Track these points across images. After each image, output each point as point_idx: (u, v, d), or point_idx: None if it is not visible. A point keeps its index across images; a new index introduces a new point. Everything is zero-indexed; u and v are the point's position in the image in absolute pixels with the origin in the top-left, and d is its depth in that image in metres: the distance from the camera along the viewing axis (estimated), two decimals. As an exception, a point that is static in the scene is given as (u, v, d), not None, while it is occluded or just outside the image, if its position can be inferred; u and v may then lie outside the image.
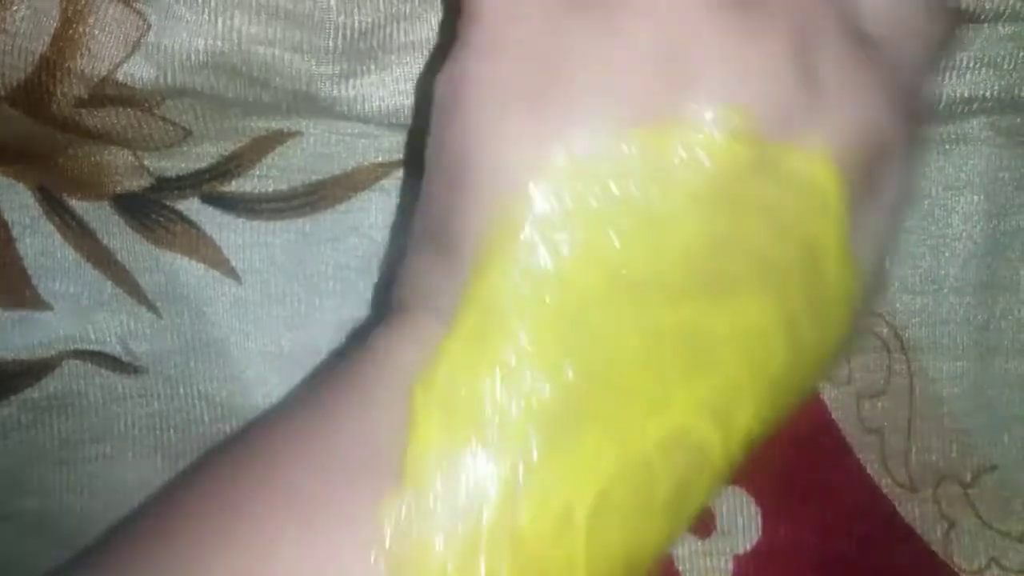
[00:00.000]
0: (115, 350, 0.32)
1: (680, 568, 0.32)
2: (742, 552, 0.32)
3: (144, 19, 0.27)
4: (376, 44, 0.28)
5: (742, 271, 0.21)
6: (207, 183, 0.30)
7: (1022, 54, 0.30)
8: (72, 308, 0.31)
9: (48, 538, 0.33)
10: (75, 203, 0.31)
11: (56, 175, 0.30)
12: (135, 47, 0.27)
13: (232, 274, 0.32)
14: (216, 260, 0.31)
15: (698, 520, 0.32)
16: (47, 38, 0.26)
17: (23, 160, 0.30)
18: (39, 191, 0.31)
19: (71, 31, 0.26)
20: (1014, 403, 0.33)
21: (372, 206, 0.31)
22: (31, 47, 0.26)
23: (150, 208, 0.31)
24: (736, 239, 0.21)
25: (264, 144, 0.30)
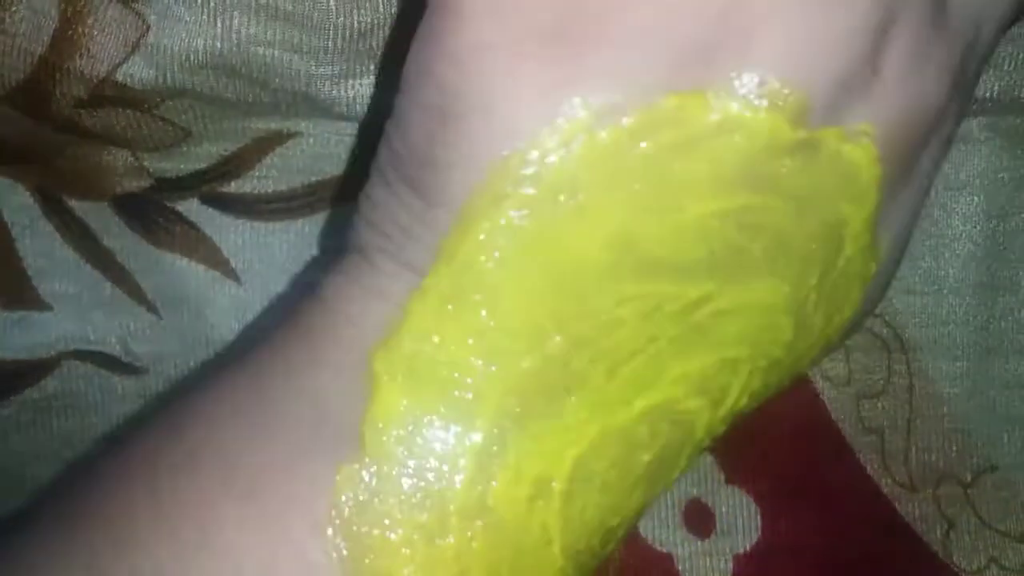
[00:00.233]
0: (115, 350, 0.32)
1: (680, 568, 0.32)
2: (742, 552, 0.32)
3: (143, 20, 0.27)
4: (375, 45, 0.28)
5: (758, 251, 0.20)
6: (207, 184, 0.30)
7: (1022, 55, 0.30)
8: (72, 308, 0.31)
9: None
10: (75, 204, 0.31)
11: (56, 176, 0.30)
12: (134, 48, 0.27)
13: (232, 275, 0.32)
14: (216, 261, 0.31)
15: (698, 520, 0.32)
16: (46, 39, 0.26)
17: (23, 161, 0.30)
18: (39, 192, 0.31)
19: (70, 32, 0.26)
20: (1014, 403, 0.33)
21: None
22: (30, 48, 0.26)
23: (150, 209, 0.31)
24: (757, 219, 0.19)
25: (263, 145, 0.30)
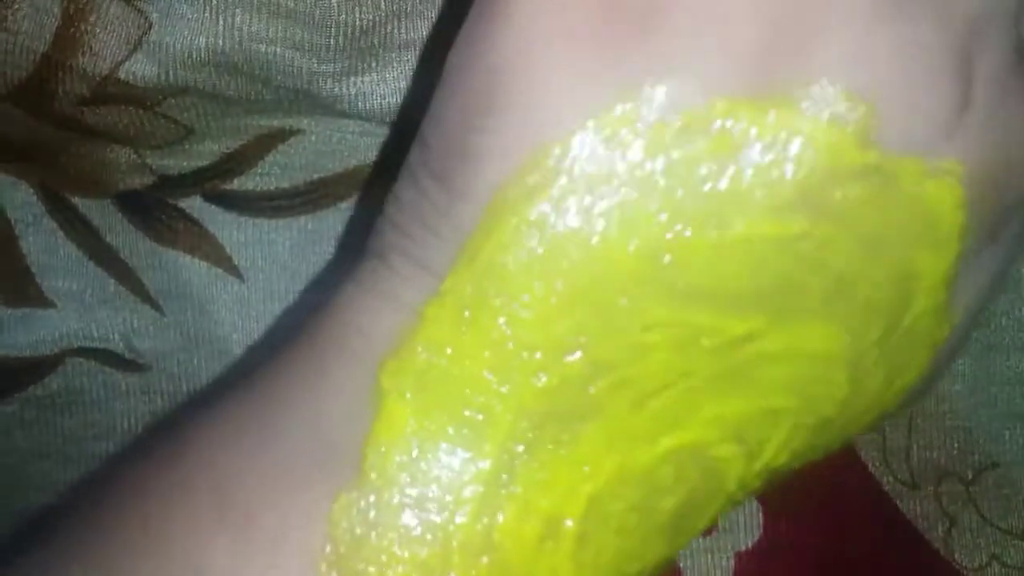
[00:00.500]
0: (118, 347, 0.32)
1: (681, 565, 0.32)
2: (743, 549, 0.32)
3: (145, 17, 0.27)
4: (377, 42, 0.28)
5: (814, 290, 0.18)
6: (209, 181, 0.30)
7: None
8: (75, 305, 0.32)
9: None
10: (78, 201, 0.31)
11: (58, 173, 0.30)
12: (137, 45, 0.27)
13: (235, 272, 0.32)
14: (219, 258, 0.31)
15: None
16: (49, 36, 0.26)
17: (25, 158, 0.30)
18: (41, 189, 0.31)
19: (73, 29, 0.26)
20: (1015, 400, 0.33)
21: (374, 204, 0.31)
22: (33, 45, 0.27)
23: (152, 206, 0.31)
24: (816, 253, 0.17)
25: (266, 142, 0.30)
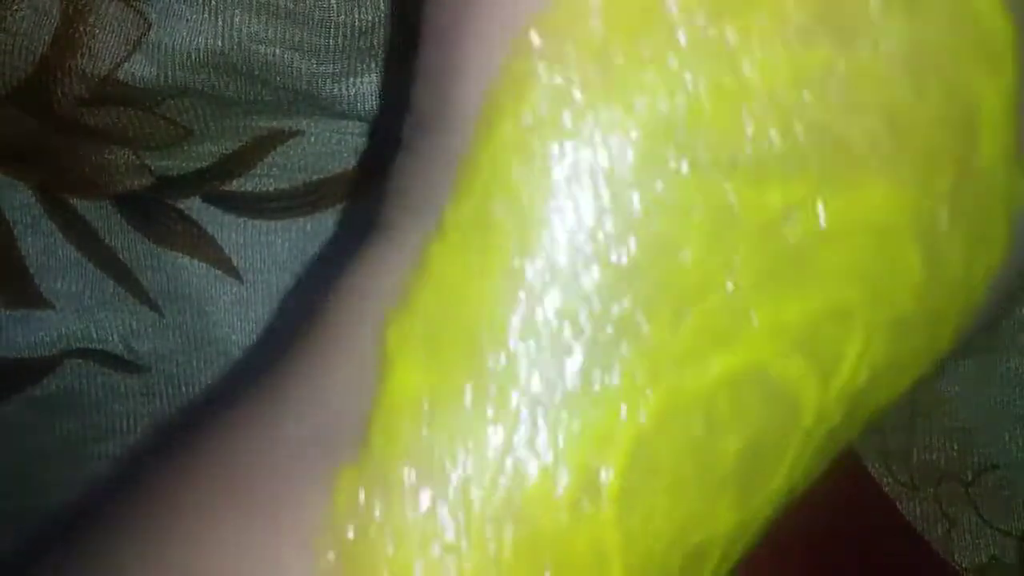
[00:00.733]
0: (117, 349, 0.32)
1: (681, 566, 0.32)
2: (743, 550, 0.32)
3: (144, 18, 0.27)
4: (376, 43, 0.28)
5: (860, 138, 0.15)
6: (208, 182, 0.30)
7: None
8: (74, 307, 0.31)
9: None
10: (77, 202, 0.31)
11: (58, 174, 0.30)
12: (136, 46, 0.27)
13: (234, 273, 0.32)
14: (218, 259, 0.31)
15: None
16: (48, 37, 0.26)
17: (24, 159, 0.30)
18: (40, 190, 0.31)
19: (72, 30, 0.26)
20: (1015, 402, 0.33)
21: (373, 205, 0.31)
22: (32, 46, 0.26)
23: (152, 207, 0.31)
24: (851, 86, 0.15)
25: (265, 143, 0.30)
